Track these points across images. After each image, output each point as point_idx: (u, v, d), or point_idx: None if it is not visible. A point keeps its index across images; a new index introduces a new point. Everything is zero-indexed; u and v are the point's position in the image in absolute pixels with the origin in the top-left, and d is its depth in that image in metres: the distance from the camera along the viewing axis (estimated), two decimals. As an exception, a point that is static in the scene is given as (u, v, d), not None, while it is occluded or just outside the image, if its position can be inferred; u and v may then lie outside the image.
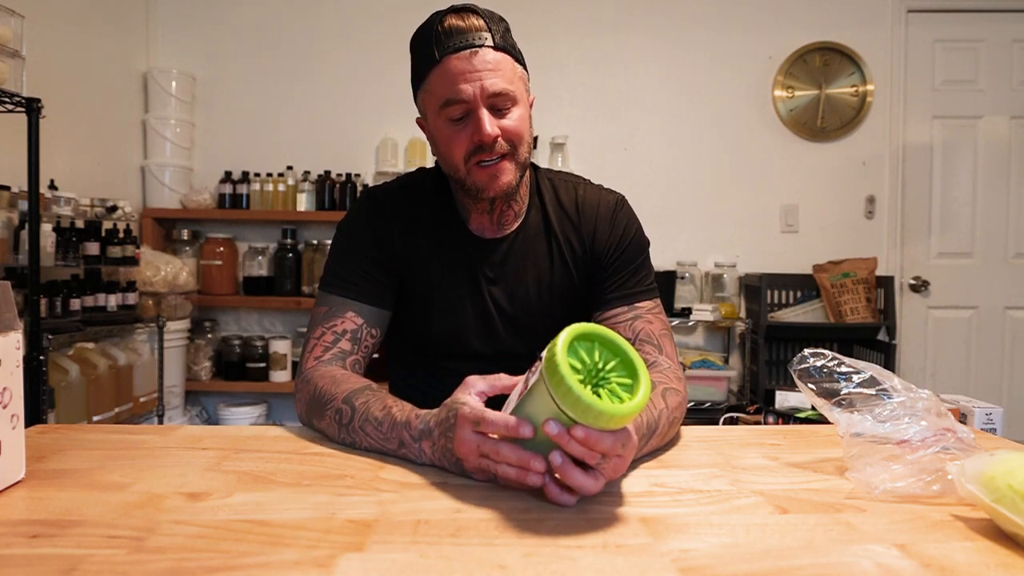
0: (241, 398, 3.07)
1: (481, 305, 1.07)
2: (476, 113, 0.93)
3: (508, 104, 0.95)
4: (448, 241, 1.06)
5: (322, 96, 3.21)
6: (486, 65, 0.92)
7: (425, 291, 1.06)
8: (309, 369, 0.96)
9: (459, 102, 0.92)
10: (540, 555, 0.53)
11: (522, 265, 1.07)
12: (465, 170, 0.96)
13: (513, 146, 0.96)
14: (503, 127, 0.94)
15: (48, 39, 2.38)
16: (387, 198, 1.07)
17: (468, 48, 0.92)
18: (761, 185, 3.22)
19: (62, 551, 0.53)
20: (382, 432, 0.80)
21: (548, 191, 1.10)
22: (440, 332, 1.07)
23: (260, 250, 3.09)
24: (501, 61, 0.94)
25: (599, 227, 1.07)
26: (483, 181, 0.96)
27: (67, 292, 2.12)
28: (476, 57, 0.92)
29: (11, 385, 0.66)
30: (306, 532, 0.57)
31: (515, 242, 1.07)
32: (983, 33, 3.18)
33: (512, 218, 1.07)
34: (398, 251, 1.05)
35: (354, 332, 1.00)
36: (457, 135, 0.95)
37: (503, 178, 0.96)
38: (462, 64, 0.91)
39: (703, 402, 2.88)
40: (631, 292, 1.06)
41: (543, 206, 1.09)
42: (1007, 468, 0.57)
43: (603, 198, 1.10)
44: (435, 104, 0.95)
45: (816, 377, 0.77)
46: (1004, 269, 3.20)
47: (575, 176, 1.14)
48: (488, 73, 0.92)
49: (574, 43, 3.21)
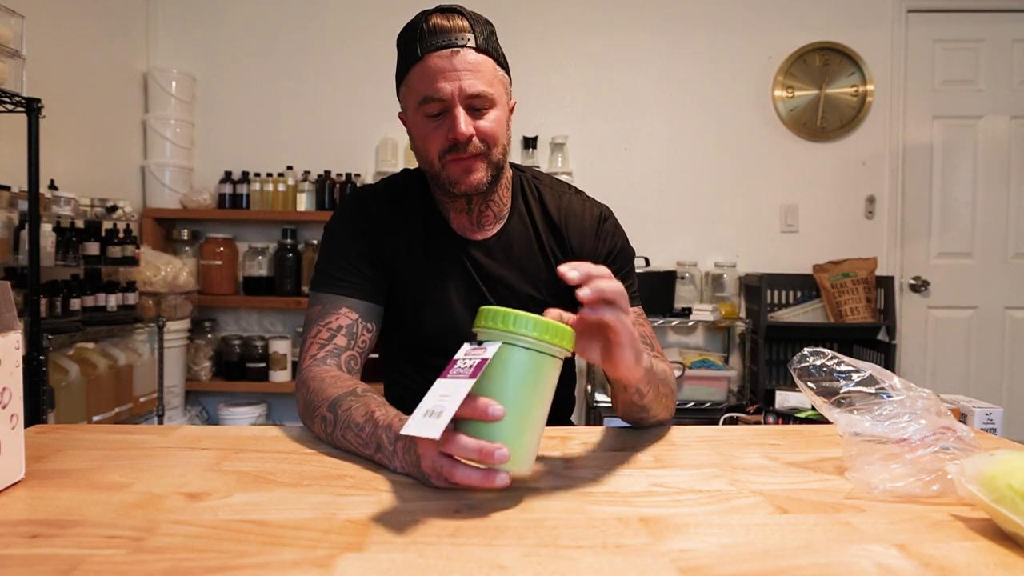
0: (241, 398, 3.07)
1: (470, 303, 1.08)
2: (452, 112, 0.94)
3: (486, 106, 0.96)
4: (433, 240, 1.07)
5: (322, 96, 3.21)
6: (466, 65, 0.94)
7: (414, 291, 1.07)
8: (304, 369, 0.97)
9: (437, 100, 0.94)
10: (540, 555, 0.53)
11: (507, 267, 1.08)
12: (439, 164, 0.99)
13: (487, 147, 0.98)
14: (478, 127, 0.96)
15: (48, 39, 2.38)
16: (373, 198, 1.09)
17: (450, 47, 0.94)
18: (761, 185, 3.22)
19: (62, 551, 0.53)
20: (361, 438, 0.79)
21: (533, 196, 1.11)
22: (430, 331, 1.08)
23: (260, 250, 3.10)
24: (482, 63, 0.95)
25: (585, 239, 1.09)
26: (456, 175, 0.98)
27: (67, 292, 2.12)
28: (457, 57, 0.93)
29: (11, 385, 0.66)
30: (306, 532, 0.57)
31: (499, 244, 1.08)
32: (983, 33, 3.18)
33: (492, 219, 1.08)
34: (385, 249, 1.06)
35: (349, 327, 1.00)
36: (433, 132, 0.97)
37: (475, 174, 0.98)
38: (442, 63, 0.93)
39: (703, 402, 2.87)
40: None
41: (528, 211, 1.10)
42: (1007, 468, 0.57)
43: (588, 210, 1.11)
44: (414, 100, 0.97)
45: (816, 376, 0.77)
46: (1004, 269, 3.20)
47: (560, 183, 1.15)
48: (467, 74, 0.94)
49: (574, 43, 3.21)
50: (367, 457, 0.79)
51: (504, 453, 0.61)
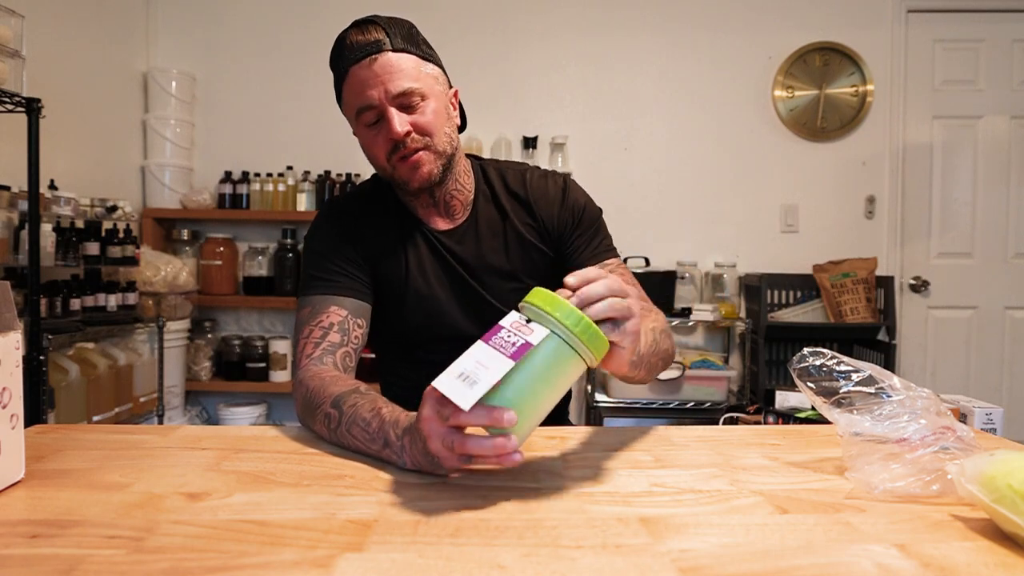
0: (241, 398, 3.07)
1: (453, 290, 1.11)
2: (386, 115, 0.99)
3: (416, 100, 1.00)
4: (410, 237, 1.11)
5: (322, 96, 3.19)
6: (387, 68, 0.98)
7: (396, 287, 1.10)
8: (302, 369, 0.97)
9: (369, 108, 0.99)
10: (540, 555, 0.53)
11: (482, 250, 1.11)
12: (390, 168, 1.03)
13: (429, 138, 1.01)
14: (414, 122, 1.00)
15: (48, 39, 2.38)
16: (347, 204, 1.13)
17: (367, 56, 0.98)
18: (761, 185, 3.22)
19: (62, 551, 0.53)
20: (368, 433, 0.79)
21: (497, 180, 1.15)
22: (416, 323, 1.11)
23: (260, 250, 3.10)
24: (402, 60, 0.99)
25: (553, 208, 1.14)
26: (405, 173, 1.02)
27: (67, 292, 2.12)
28: (376, 64, 0.98)
29: (11, 385, 0.66)
30: (306, 532, 0.57)
31: (470, 229, 1.12)
32: (983, 33, 3.18)
33: (460, 208, 1.12)
34: (366, 250, 1.09)
35: (340, 324, 1.02)
36: (375, 139, 1.02)
37: (423, 167, 1.02)
38: (365, 72, 0.98)
39: (703, 402, 2.87)
40: (596, 252, 1.13)
41: (493, 194, 1.14)
42: (1007, 468, 0.57)
43: (551, 180, 1.16)
44: (352, 114, 1.03)
45: (815, 376, 0.77)
46: (1004, 269, 3.20)
47: (519, 163, 1.21)
48: (389, 76, 0.98)
49: (574, 43, 3.20)
50: (371, 454, 0.79)
51: (512, 416, 0.62)
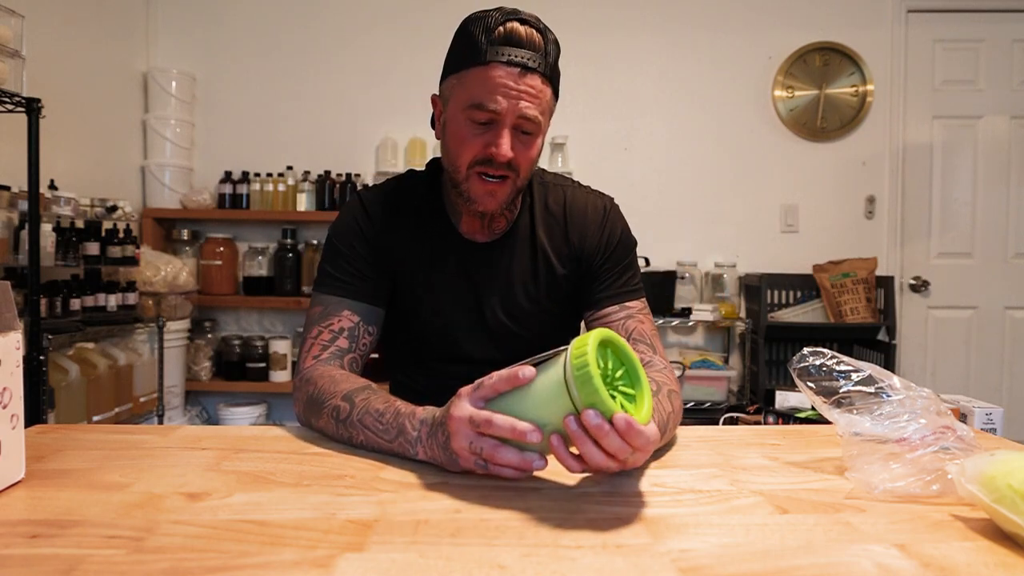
0: (241, 398, 3.07)
1: (472, 308, 1.08)
2: (500, 128, 0.92)
3: (532, 131, 0.95)
4: (438, 244, 1.07)
5: (322, 96, 3.21)
6: (529, 89, 0.92)
7: (416, 293, 1.07)
8: (307, 368, 0.96)
9: (490, 111, 0.91)
10: (540, 555, 0.53)
11: (510, 268, 1.08)
12: (465, 174, 0.96)
13: (517, 172, 0.96)
14: (518, 153, 0.94)
15: (48, 39, 2.38)
16: (377, 200, 1.07)
17: (519, 67, 0.91)
18: (761, 185, 3.22)
19: (62, 551, 0.53)
20: (382, 423, 0.79)
21: (538, 196, 1.10)
22: (432, 333, 1.09)
23: (260, 250, 3.10)
24: (544, 90, 0.94)
25: (588, 231, 1.08)
26: (478, 194, 0.97)
27: (67, 292, 2.12)
28: (524, 79, 0.91)
29: (11, 385, 0.66)
30: (306, 532, 0.57)
31: (503, 246, 1.08)
32: (983, 33, 3.18)
33: (504, 224, 1.08)
34: (388, 252, 1.05)
35: (351, 330, 1.00)
36: (472, 138, 0.94)
37: (498, 197, 0.97)
38: (507, 78, 0.91)
39: (703, 402, 2.87)
40: (621, 292, 1.07)
41: (531, 211, 1.09)
42: (1007, 468, 0.57)
43: (591, 202, 1.10)
44: (464, 99, 0.93)
45: (815, 376, 0.77)
46: (1004, 269, 3.20)
47: (563, 178, 1.15)
48: (528, 98, 0.92)
49: (574, 43, 3.20)
50: (378, 446, 0.79)
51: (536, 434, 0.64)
